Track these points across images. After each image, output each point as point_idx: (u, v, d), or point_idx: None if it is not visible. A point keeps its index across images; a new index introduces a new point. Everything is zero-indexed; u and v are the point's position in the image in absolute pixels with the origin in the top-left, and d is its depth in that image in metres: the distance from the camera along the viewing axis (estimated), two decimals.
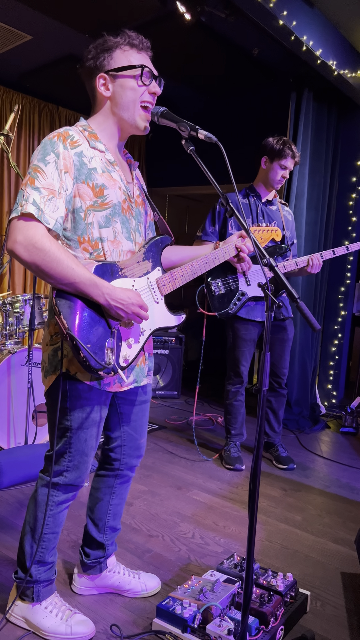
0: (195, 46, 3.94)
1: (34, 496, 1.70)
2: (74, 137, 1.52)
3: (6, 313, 3.25)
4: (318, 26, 3.63)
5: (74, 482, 1.67)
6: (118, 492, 1.89)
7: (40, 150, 1.48)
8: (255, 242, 1.48)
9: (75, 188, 1.50)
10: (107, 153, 1.59)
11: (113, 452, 1.83)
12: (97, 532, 1.88)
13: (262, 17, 3.18)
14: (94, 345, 1.48)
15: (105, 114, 1.61)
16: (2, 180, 4.95)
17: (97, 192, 1.53)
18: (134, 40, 1.58)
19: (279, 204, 3.25)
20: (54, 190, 1.44)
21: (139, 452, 1.86)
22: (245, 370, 3.23)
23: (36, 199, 1.41)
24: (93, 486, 1.90)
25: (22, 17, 3.62)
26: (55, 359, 1.59)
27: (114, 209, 1.57)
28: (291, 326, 3.30)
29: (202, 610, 1.68)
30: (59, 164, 1.46)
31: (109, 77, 1.57)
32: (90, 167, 1.52)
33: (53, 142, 1.48)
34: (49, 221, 1.43)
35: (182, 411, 4.44)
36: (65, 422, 1.61)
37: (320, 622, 1.86)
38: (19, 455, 2.77)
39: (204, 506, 2.70)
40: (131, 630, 1.75)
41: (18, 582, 1.72)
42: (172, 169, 5.84)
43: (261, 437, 1.43)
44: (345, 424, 4.20)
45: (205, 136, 1.50)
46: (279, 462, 3.33)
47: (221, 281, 3.08)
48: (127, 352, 1.59)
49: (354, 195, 4.60)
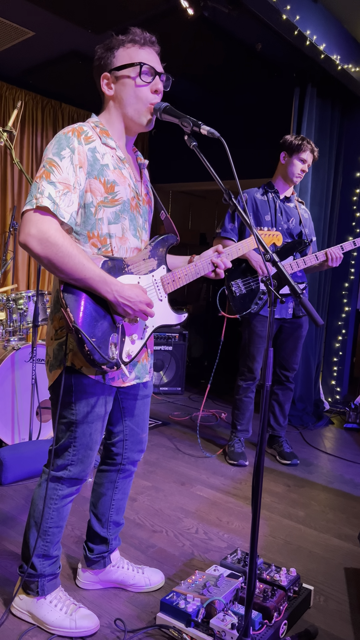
0: (198, 41, 3.93)
1: (38, 490, 1.71)
2: (88, 133, 1.53)
3: (10, 309, 3.26)
4: (321, 20, 3.61)
5: (78, 475, 1.67)
6: (121, 486, 1.89)
7: (55, 144, 1.48)
8: (259, 239, 1.47)
9: (87, 183, 1.50)
10: (118, 150, 1.60)
11: (115, 447, 1.84)
12: (101, 527, 1.89)
13: (265, 12, 3.17)
14: (99, 339, 1.49)
15: (111, 112, 1.62)
16: (5, 176, 4.95)
17: (108, 188, 1.54)
18: (136, 37, 1.58)
19: (296, 202, 3.27)
20: (69, 185, 1.45)
21: (140, 447, 1.87)
22: (258, 366, 3.25)
23: (52, 193, 1.42)
24: (96, 481, 1.91)
25: (25, 14, 3.61)
26: (60, 353, 1.59)
27: (123, 206, 1.58)
28: (307, 323, 3.31)
29: (206, 604, 1.69)
30: (74, 159, 1.47)
31: (111, 76, 1.58)
32: (103, 163, 1.53)
33: (68, 137, 1.49)
34: (64, 215, 1.44)
35: (185, 407, 4.45)
36: (70, 416, 1.62)
37: (324, 617, 1.86)
38: (23, 451, 2.78)
39: (208, 502, 2.71)
40: (135, 625, 1.75)
41: (22, 576, 1.73)
42: (175, 165, 5.83)
43: (264, 433, 1.43)
44: (349, 419, 4.19)
45: (208, 131, 1.50)
46: (282, 458, 3.33)
47: (242, 281, 3.09)
48: (130, 348, 1.60)
49: (358, 190, 4.58)
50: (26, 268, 5.16)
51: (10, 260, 3.80)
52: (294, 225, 3.19)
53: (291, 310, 3.21)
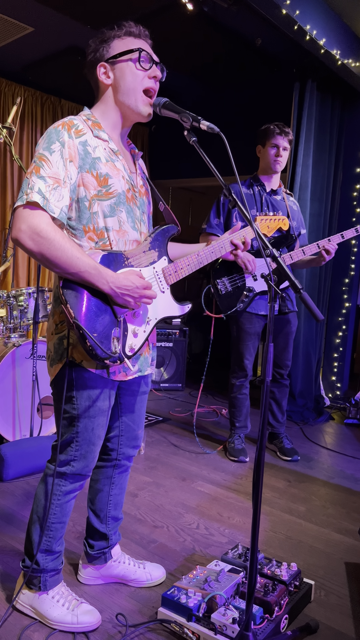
0: (198, 36, 3.92)
1: (42, 485, 1.71)
2: (79, 126, 1.52)
3: (10, 306, 3.26)
4: (321, 15, 3.60)
5: (81, 471, 1.68)
6: (117, 482, 1.90)
7: (46, 139, 1.48)
8: (258, 233, 1.47)
9: (79, 177, 1.50)
10: (111, 142, 1.59)
11: (110, 442, 1.84)
12: (99, 523, 1.90)
13: (265, 7, 3.15)
14: (100, 334, 1.49)
15: (107, 102, 1.61)
16: (5, 173, 4.94)
17: (102, 181, 1.53)
18: (131, 29, 1.59)
19: (283, 194, 3.22)
20: (59, 179, 1.45)
21: (135, 442, 1.88)
22: (249, 363, 3.24)
23: (41, 188, 1.42)
24: (92, 478, 1.91)
25: (24, 9, 3.60)
26: (60, 348, 1.60)
27: (119, 198, 1.57)
28: (295, 319, 3.30)
29: (207, 599, 1.70)
30: (64, 152, 1.46)
31: (109, 65, 1.58)
32: (94, 156, 1.52)
33: (58, 130, 1.48)
34: (54, 210, 1.43)
35: (186, 403, 4.45)
36: (72, 410, 1.62)
37: (325, 611, 1.87)
38: (24, 447, 2.79)
39: (209, 497, 2.72)
40: (137, 619, 1.76)
41: (25, 570, 1.73)
42: (175, 161, 5.81)
43: (264, 429, 1.43)
44: (349, 415, 4.20)
45: (208, 127, 1.50)
46: (283, 454, 3.34)
47: (227, 279, 3.06)
48: (133, 341, 1.59)
49: (358, 186, 4.57)
50: (26, 265, 5.16)
51: (10, 257, 3.80)
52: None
53: (277, 307, 3.18)
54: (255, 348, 3.24)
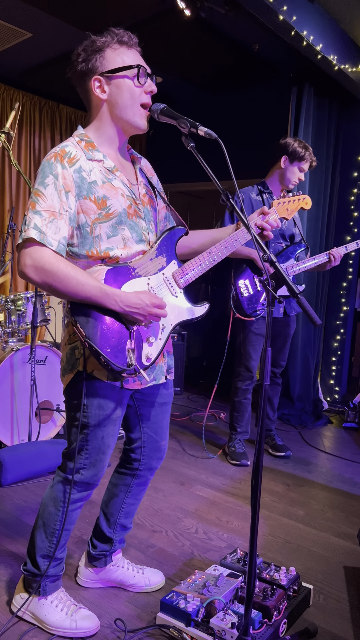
0: (195, 42, 3.93)
1: (50, 491, 1.71)
2: (71, 154, 1.51)
3: (9, 311, 3.26)
4: (318, 21, 3.62)
5: (90, 480, 1.67)
6: (134, 492, 1.89)
7: (40, 173, 1.49)
8: (256, 239, 1.48)
9: (78, 205, 1.50)
10: (106, 160, 1.57)
11: (134, 453, 1.84)
12: (108, 527, 1.90)
13: (262, 12, 3.17)
14: (114, 348, 1.49)
15: (103, 119, 1.59)
16: (3, 178, 4.95)
17: (100, 204, 1.52)
18: (122, 38, 1.56)
19: None
20: (55, 212, 1.46)
21: (159, 454, 1.86)
22: (255, 365, 3.27)
23: (37, 223, 1.43)
24: (111, 481, 1.92)
25: (22, 15, 3.61)
26: (72, 357, 1.60)
27: (119, 217, 1.55)
28: (294, 322, 3.39)
29: (206, 604, 1.70)
30: (58, 184, 1.46)
31: (104, 79, 1.55)
32: (90, 180, 1.52)
33: (51, 163, 1.48)
34: (52, 243, 1.44)
35: (184, 407, 4.45)
36: (82, 419, 1.62)
37: (323, 616, 1.87)
38: (22, 452, 2.79)
39: (207, 501, 2.71)
40: (135, 625, 1.76)
41: (26, 575, 1.73)
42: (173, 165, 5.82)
43: (262, 433, 1.44)
44: (347, 419, 4.20)
45: (205, 132, 1.50)
46: (275, 450, 3.42)
47: (249, 281, 3.09)
48: (149, 351, 1.58)
49: (355, 190, 4.59)
50: None
51: (8, 262, 3.80)
52: (286, 226, 3.20)
53: (282, 310, 3.24)
54: (261, 349, 3.27)
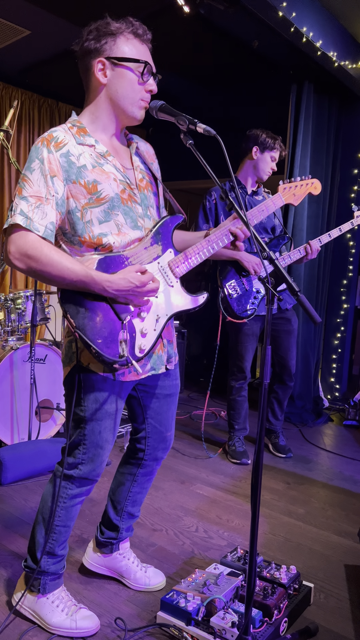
0: (194, 39, 3.92)
1: (49, 487, 1.71)
2: (59, 138, 1.50)
3: (8, 309, 3.25)
4: (318, 17, 3.60)
5: (89, 475, 1.67)
6: (140, 481, 1.90)
7: (28, 159, 1.49)
8: (256, 237, 1.47)
9: (66, 189, 1.49)
10: (98, 145, 1.56)
11: (139, 443, 1.84)
12: (115, 514, 1.90)
13: (261, 9, 3.16)
14: (106, 339, 1.48)
15: (99, 103, 1.58)
16: (2, 175, 4.94)
17: (90, 188, 1.51)
18: (138, 30, 1.56)
19: (264, 194, 3.22)
20: (41, 197, 1.45)
21: (164, 445, 1.87)
22: (248, 365, 3.23)
23: (23, 209, 1.43)
24: (119, 469, 1.93)
25: (20, 12, 3.60)
26: (70, 350, 1.61)
27: (112, 202, 1.54)
28: (294, 317, 3.29)
29: (206, 603, 1.69)
30: (44, 169, 1.46)
31: (109, 64, 1.54)
32: (79, 165, 1.50)
33: (37, 148, 1.48)
34: (39, 228, 1.44)
35: (185, 405, 4.45)
36: (79, 413, 1.62)
37: (324, 614, 1.87)
38: (22, 451, 2.78)
39: (208, 500, 2.71)
40: (135, 624, 1.76)
41: (27, 571, 1.73)
42: (172, 163, 5.80)
43: (262, 432, 1.43)
44: (348, 417, 4.20)
45: (204, 129, 1.49)
46: (277, 450, 3.39)
47: (235, 282, 3.05)
48: (142, 342, 1.57)
49: (355, 187, 4.58)
50: None
51: None
52: (266, 218, 3.14)
53: (276, 305, 3.17)
54: (254, 349, 3.24)
